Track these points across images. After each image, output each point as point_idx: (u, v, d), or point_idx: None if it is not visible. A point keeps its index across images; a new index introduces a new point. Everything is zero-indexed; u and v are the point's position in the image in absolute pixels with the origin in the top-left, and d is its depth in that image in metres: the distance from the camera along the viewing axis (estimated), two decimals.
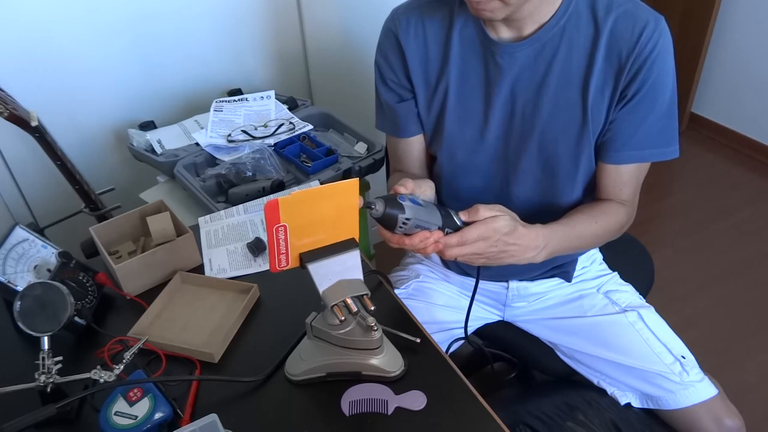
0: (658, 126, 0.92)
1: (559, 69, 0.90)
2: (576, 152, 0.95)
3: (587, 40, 0.88)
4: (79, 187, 1.30)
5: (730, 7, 2.58)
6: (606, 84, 0.89)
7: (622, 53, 0.87)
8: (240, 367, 0.90)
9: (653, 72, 0.87)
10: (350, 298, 0.77)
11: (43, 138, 1.18)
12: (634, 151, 0.94)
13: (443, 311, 1.16)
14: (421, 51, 0.99)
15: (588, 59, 0.89)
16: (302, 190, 0.72)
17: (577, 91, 0.91)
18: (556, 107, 0.92)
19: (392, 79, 1.03)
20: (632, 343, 1.05)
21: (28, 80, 1.48)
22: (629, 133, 0.92)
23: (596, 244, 1.04)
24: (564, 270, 1.14)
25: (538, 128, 0.94)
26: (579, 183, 0.99)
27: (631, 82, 0.88)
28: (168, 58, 1.63)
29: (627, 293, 1.14)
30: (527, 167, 0.98)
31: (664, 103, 0.91)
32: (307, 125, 1.50)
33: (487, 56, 0.94)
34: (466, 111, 0.99)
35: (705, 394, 1.01)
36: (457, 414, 0.81)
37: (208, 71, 1.70)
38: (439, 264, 1.21)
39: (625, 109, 0.90)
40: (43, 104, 1.35)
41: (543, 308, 1.16)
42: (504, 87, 0.94)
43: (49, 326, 0.85)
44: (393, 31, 1.00)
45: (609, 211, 0.98)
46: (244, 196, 1.29)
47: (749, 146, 2.72)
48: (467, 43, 0.96)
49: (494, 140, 0.99)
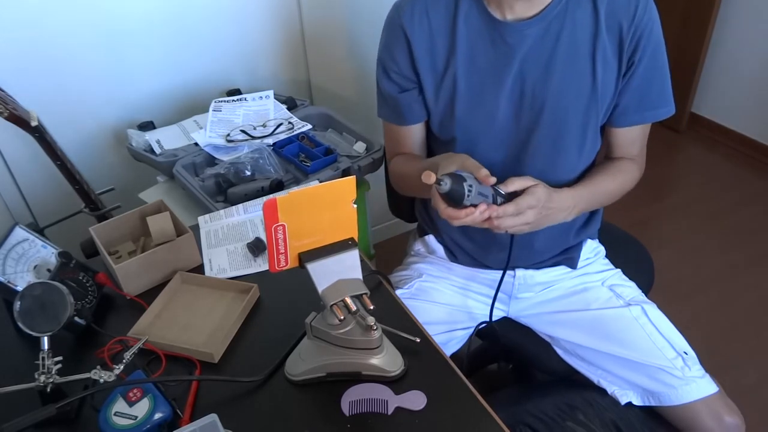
0: (659, 87, 1.01)
1: (565, 45, 0.95)
2: (584, 122, 1.00)
3: (589, 17, 0.94)
4: (79, 187, 1.30)
5: (730, 7, 2.58)
6: (612, 55, 0.96)
7: (622, 26, 0.94)
8: (240, 367, 0.90)
9: (652, 39, 0.95)
10: (349, 297, 0.77)
11: (43, 138, 1.18)
12: (642, 113, 1.02)
13: (448, 310, 1.16)
14: (427, 40, 1.00)
15: (592, 33, 0.95)
16: (300, 189, 0.72)
17: (587, 63, 0.96)
18: (564, 82, 0.97)
19: (395, 70, 1.05)
20: (635, 337, 1.06)
21: (28, 80, 1.48)
22: (638, 98, 1.00)
23: (615, 198, 1.10)
24: (569, 256, 1.16)
25: (548, 104, 0.98)
26: (584, 155, 1.05)
27: (635, 51, 0.95)
28: (168, 59, 1.63)
29: (631, 288, 1.15)
30: (538, 143, 1.02)
31: (663, 65, 0.99)
32: (305, 125, 1.50)
33: (495, 37, 0.97)
34: (477, 94, 1.01)
35: (706, 391, 1.01)
36: (457, 414, 0.81)
37: (208, 72, 1.70)
38: (444, 258, 1.22)
39: (632, 76, 0.97)
40: (42, 104, 1.35)
41: (548, 300, 1.17)
42: (514, 66, 0.97)
43: (49, 326, 0.85)
44: (397, 22, 1.01)
45: (624, 168, 1.07)
46: (243, 195, 1.29)
47: (749, 146, 2.72)
48: (474, 28, 0.98)
49: (505, 120, 1.02)
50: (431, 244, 1.24)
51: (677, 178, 2.71)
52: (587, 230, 1.17)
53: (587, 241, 1.19)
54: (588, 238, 1.19)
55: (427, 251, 1.26)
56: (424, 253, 1.26)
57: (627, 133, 1.05)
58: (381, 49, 1.07)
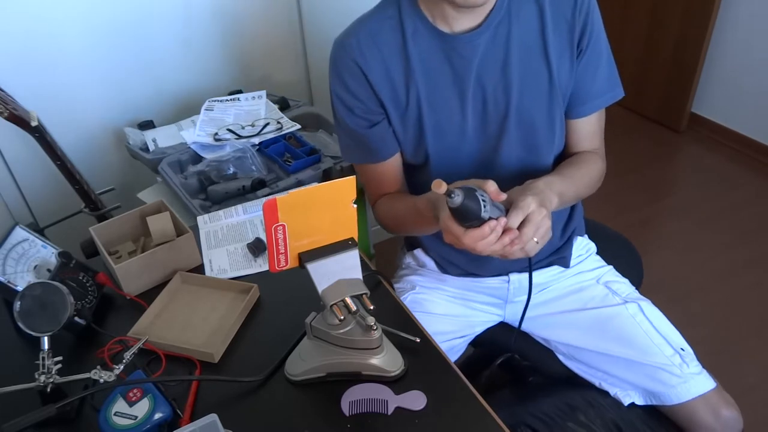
0: (607, 70, 1.01)
1: (516, 46, 0.95)
2: (550, 118, 1.00)
3: (533, 14, 0.95)
4: (79, 187, 1.30)
5: (730, 7, 2.58)
6: (563, 47, 0.96)
7: (567, 14, 0.94)
8: (240, 367, 0.90)
9: (595, 22, 0.96)
10: (349, 297, 0.77)
11: (43, 138, 1.18)
12: (596, 100, 1.02)
13: (442, 321, 1.15)
14: (382, 67, 0.97)
15: (540, 29, 0.95)
16: (300, 189, 0.72)
17: (540, 60, 0.96)
18: (524, 82, 0.96)
19: (359, 106, 1.00)
20: (633, 335, 1.06)
21: (28, 80, 1.48)
22: (589, 84, 1.00)
23: (585, 188, 1.05)
24: (561, 255, 1.15)
25: (512, 107, 0.97)
26: (556, 148, 1.04)
27: (582, 36, 0.96)
28: (169, 58, 1.63)
29: (625, 284, 1.16)
30: (509, 147, 1.01)
31: (606, 45, 1.00)
32: (294, 125, 1.50)
33: (449, 52, 0.96)
34: (443, 114, 0.99)
35: (704, 387, 1.02)
36: (457, 414, 0.81)
37: (209, 72, 1.70)
38: (435, 270, 1.20)
39: (582, 62, 0.98)
40: (42, 104, 1.35)
41: (544, 302, 1.16)
42: (472, 77, 0.96)
43: (49, 326, 0.85)
44: (347, 57, 0.97)
45: (587, 158, 1.05)
46: (223, 193, 1.29)
47: (749, 146, 2.72)
48: (425, 47, 0.96)
49: (473, 131, 1.01)
50: (420, 257, 1.22)
51: (677, 178, 2.71)
52: (571, 225, 1.16)
53: (577, 239, 1.19)
54: (576, 234, 1.18)
55: (417, 264, 1.24)
56: (415, 266, 1.24)
57: (586, 124, 1.04)
58: (336, 90, 1.01)
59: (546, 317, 1.16)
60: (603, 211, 2.42)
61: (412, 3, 0.96)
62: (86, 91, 1.57)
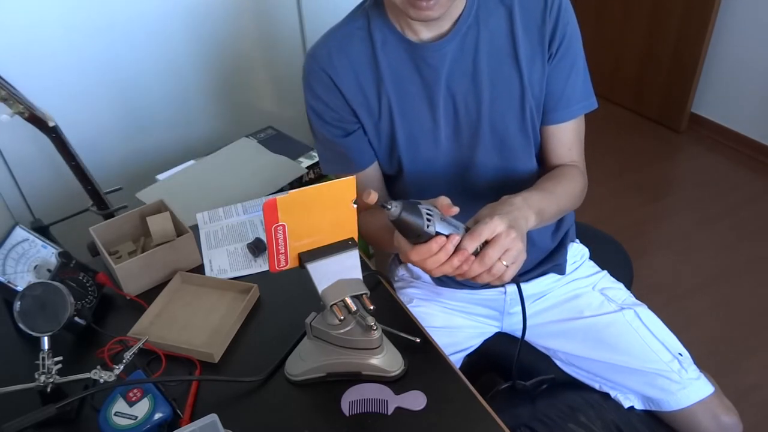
0: (581, 78, 0.99)
1: (485, 52, 0.94)
2: (523, 124, 0.98)
3: (502, 19, 0.93)
4: (91, 187, 1.31)
5: (730, 7, 2.58)
6: (534, 51, 0.94)
7: (537, 18, 0.93)
8: (240, 367, 0.90)
9: (568, 25, 0.94)
10: (349, 297, 0.77)
11: (59, 138, 1.17)
12: (571, 107, 0.99)
13: (440, 334, 1.13)
14: (352, 77, 0.97)
15: (510, 35, 0.94)
16: (300, 189, 0.72)
17: (511, 66, 0.95)
18: (494, 88, 0.95)
19: (333, 116, 1.00)
20: (630, 342, 1.05)
21: (28, 79, 1.47)
22: (561, 90, 0.97)
23: (567, 203, 1.01)
24: (556, 263, 1.14)
25: (485, 114, 0.97)
26: (533, 155, 1.03)
27: (552, 39, 0.94)
28: (171, 61, 1.63)
29: (620, 290, 1.15)
30: (485, 156, 1.00)
31: (581, 54, 0.98)
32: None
33: (417, 61, 0.95)
34: (415, 123, 0.99)
35: (703, 393, 1.01)
36: (457, 414, 0.81)
37: (208, 71, 1.70)
38: (430, 282, 1.18)
39: (553, 66, 0.96)
40: (42, 104, 1.35)
41: (540, 311, 1.15)
42: (442, 86, 0.95)
43: (49, 326, 0.85)
44: (318, 68, 0.97)
45: (567, 172, 1.02)
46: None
47: (749, 146, 2.72)
48: (394, 56, 0.96)
49: (447, 141, 1.00)
50: (415, 269, 1.20)
51: (677, 178, 2.71)
52: (562, 228, 1.14)
53: (571, 245, 1.18)
54: (569, 240, 1.17)
55: (411, 276, 1.22)
56: (409, 278, 1.22)
57: (561, 132, 1.01)
58: (310, 102, 1.01)
59: (543, 326, 1.15)
60: (603, 211, 2.43)
61: (381, 13, 0.95)
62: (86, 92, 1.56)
